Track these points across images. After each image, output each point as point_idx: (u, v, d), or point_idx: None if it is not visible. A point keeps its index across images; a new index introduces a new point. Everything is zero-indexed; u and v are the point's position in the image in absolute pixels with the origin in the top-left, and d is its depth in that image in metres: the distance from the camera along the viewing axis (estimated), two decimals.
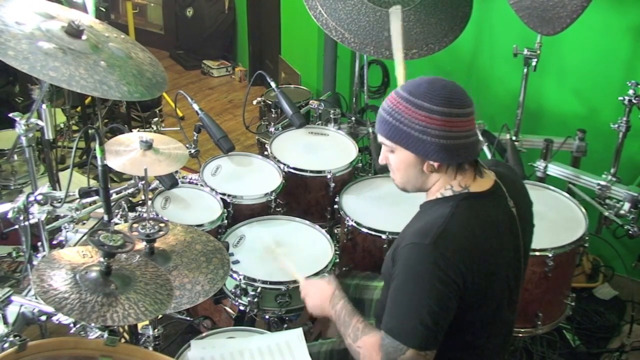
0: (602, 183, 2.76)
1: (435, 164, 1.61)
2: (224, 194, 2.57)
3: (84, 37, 1.85)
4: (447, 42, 2.83)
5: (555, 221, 2.47)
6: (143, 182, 2.16)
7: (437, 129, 1.56)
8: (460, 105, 1.57)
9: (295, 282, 2.20)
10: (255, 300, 2.22)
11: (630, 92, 2.65)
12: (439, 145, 1.57)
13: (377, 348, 1.59)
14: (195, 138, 2.73)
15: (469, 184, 1.64)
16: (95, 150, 1.78)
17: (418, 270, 1.55)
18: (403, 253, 1.58)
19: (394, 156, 1.67)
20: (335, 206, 2.63)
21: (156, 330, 2.00)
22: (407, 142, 1.60)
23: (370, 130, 3.04)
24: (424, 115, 1.56)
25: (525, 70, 2.95)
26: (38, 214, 1.96)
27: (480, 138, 2.44)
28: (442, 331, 1.56)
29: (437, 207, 1.64)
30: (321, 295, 1.87)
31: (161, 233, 1.84)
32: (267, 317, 2.30)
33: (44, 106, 2.15)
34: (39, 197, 1.94)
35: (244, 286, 2.24)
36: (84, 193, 2.08)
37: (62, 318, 1.85)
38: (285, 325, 2.34)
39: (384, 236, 2.37)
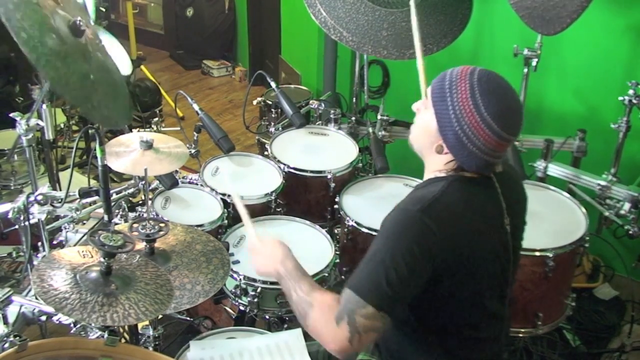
0: (603, 183, 2.76)
1: (445, 149, 1.60)
2: (224, 194, 2.57)
3: (83, 40, 1.84)
4: (446, 43, 2.83)
5: (556, 221, 2.47)
6: (143, 182, 2.16)
7: (471, 132, 1.54)
8: (509, 132, 1.56)
9: None
10: (255, 300, 2.22)
11: (631, 92, 2.65)
12: (461, 143, 1.56)
13: (333, 303, 1.56)
14: (195, 138, 2.73)
15: (465, 172, 1.64)
16: (95, 150, 1.78)
17: (400, 231, 1.54)
18: (390, 215, 1.58)
19: (423, 114, 1.65)
20: (336, 206, 2.63)
21: (156, 330, 2.00)
22: (440, 115, 1.58)
23: (371, 130, 3.05)
24: (472, 114, 1.54)
25: (525, 70, 2.95)
26: (38, 214, 1.96)
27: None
28: (403, 302, 1.55)
29: (429, 184, 1.65)
30: (273, 252, 1.74)
31: (161, 233, 1.84)
32: (267, 317, 2.30)
33: (44, 106, 2.15)
34: (39, 197, 1.94)
35: (244, 286, 2.24)
36: (84, 193, 2.08)
37: (63, 318, 1.85)
38: (285, 325, 2.34)
39: None
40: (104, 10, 3.51)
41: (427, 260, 1.53)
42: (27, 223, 1.94)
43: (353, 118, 3.30)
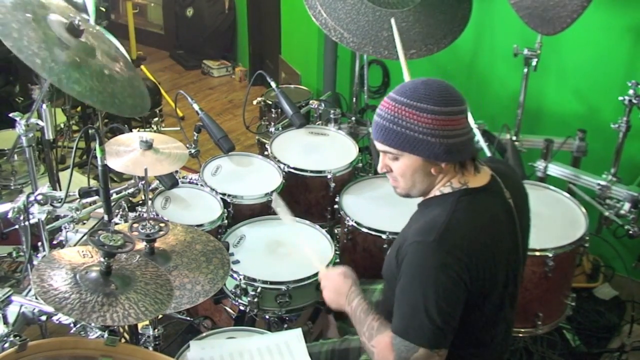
0: (603, 183, 2.76)
1: (443, 165, 1.61)
2: (224, 194, 2.57)
3: (82, 38, 1.84)
4: (446, 44, 2.83)
5: (556, 221, 2.47)
6: (143, 182, 2.16)
7: (443, 130, 1.55)
8: (458, 103, 1.58)
9: (295, 282, 2.21)
10: (255, 300, 2.22)
11: (631, 92, 2.65)
12: (446, 145, 1.57)
13: (390, 347, 1.59)
14: (195, 138, 2.73)
15: (468, 180, 1.65)
16: (95, 150, 1.78)
17: (424, 269, 1.55)
18: (407, 252, 1.58)
19: (399, 163, 1.64)
20: (335, 206, 2.63)
21: (156, 330, 2.00)
22: (415, 148, 1.58)
23: (371, 130, 3.04)
24: (430, 118, 1.55)
25: (525, 70, 2.95)
26: (38, 214, 1.96)
27: (478, 135, 2.46)
28: (453, 329, 1.57)
29: (437, 204, 1.64)
30: (338, 290, 1.84)
31: (161, 233, 1.84)
32: (267, 317, 2.30)
33: (44, 106, 2.15)
34: (39, 197, 1.94)
35: (244, 286, 2.24)
36: (84, 193, 2.08)
37: (62, 318, 1.85)
38: (285, 325, 2.34)
39: (384, 236, 2.37)
40: (104, 10, 3.51)
41: (459, 286, 1.54)
42: (27, 223, 1.94)
43: (353, 118, 3.30)
